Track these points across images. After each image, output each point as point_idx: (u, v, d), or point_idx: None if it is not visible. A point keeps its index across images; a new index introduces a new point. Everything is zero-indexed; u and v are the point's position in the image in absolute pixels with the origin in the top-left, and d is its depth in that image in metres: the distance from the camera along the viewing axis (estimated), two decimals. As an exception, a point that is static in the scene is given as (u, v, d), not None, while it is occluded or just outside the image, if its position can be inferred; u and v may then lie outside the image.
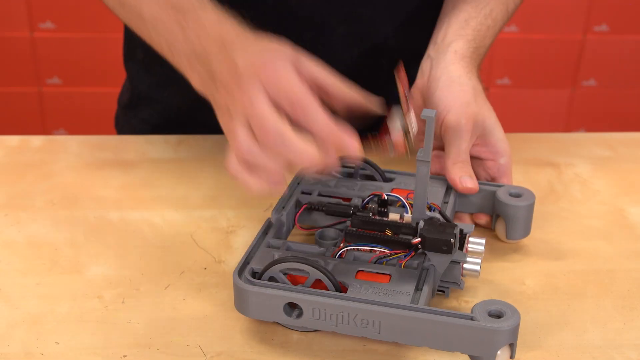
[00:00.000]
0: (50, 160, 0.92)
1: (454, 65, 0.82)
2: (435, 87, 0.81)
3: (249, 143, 0.62)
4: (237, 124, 0.63)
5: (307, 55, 0.68)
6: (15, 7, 2.09)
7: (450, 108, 0.78)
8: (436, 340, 0.59)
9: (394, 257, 0.65)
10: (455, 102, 0.79)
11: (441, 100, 0.79)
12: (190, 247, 0.77)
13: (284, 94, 0.62)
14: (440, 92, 0.80)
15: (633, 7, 2.19)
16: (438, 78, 0.81)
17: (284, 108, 0.62)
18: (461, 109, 0.78)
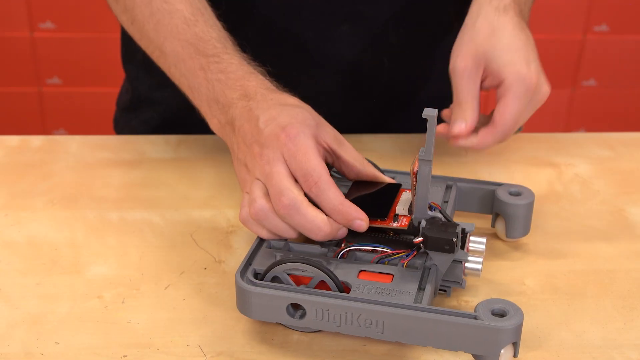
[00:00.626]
0: (50, 160, 0.92)
1: (472, 8, 0.80)
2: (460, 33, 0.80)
3: (264, 204, 0.66)
4: (254, 182, 0.67)
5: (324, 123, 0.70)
6: (15, 7, 2.08)
7: (453, 53, 0.78)
8: (439, 340, 0.59)
9: (396, 256, 0.65)
10: (456, 47, 0.78)
11: (456, 50, 0.78)
12: (190, 247, 0.77)
13: (301, 168, 0.65)
14: (458, 38, 0.79)
15: (633, 7, 2.19)
16: (465, 24, 0.80)
17: (299, 179, 0.65)
18: (464, 49, 0.77)
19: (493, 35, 0.76)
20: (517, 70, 0.75)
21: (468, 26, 0.79)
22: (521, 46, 0.76)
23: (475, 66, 0.76)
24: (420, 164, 0.65)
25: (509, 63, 0.75)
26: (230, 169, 0.91)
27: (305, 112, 0.69)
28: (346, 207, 0.65)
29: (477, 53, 0.76)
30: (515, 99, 0.75)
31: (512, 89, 0.74)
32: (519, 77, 0.74)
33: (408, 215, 0.69)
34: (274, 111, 0.68)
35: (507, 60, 0.75)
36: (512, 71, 0.75)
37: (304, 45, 0.95)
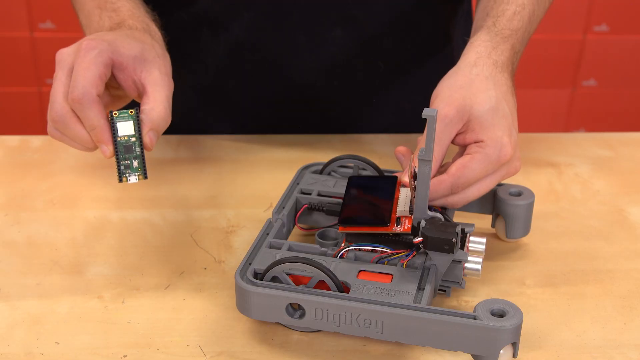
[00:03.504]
0: (50, 160, 0.92)
1: (466, 55, 0.76)
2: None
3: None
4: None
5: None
6: (15, 7, 2.08)
7: (440, 92, 0.72)
8: (439, 340, 0.59)
9: (395, 256, 0.65)
10: (447, 86, 0.73)
11: (439, 84, 0.74)
12: (190, 247, 0.77)
13: (74, 80, 0.68)
14: (443, 78, 0.75)
15: (633, 7, 2.19)
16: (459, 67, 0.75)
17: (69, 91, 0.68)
18: (449, 93, 0.72)
19: (485, 93, 0.72)
20: (498, 138, 0.70)
21: (462, 71, 0.74)
22: (508, 113, 0.72)
23: (458, 117, 0.71)
24: (420, 164, 0.65)
25: (492, 127, 0.70)
26: (230, 168, 0.91)
27: (136, 43, 0.71)
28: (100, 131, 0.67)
29: (464, 105, 0.71)
30: (483, 161, 0.69)
31: (486, 151, 0.70)
32: (497, 145, 0.70)
33: (409, 216, 0.69)
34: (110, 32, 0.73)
35: (491, 124, 0.71)
36: (492, 137, 0.70)
37: (297, 50, 0.95)
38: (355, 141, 0.97)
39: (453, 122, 0.70)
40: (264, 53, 0.96)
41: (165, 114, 0.69)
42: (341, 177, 0.78)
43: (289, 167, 0.89)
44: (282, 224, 0.71)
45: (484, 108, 0.71)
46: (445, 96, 0.71)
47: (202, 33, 0.96)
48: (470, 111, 0.71)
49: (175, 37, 0.98)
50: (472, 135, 0.71)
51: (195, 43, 0.97)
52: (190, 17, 0.95)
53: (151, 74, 0.70)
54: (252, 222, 0.81)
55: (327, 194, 0.75)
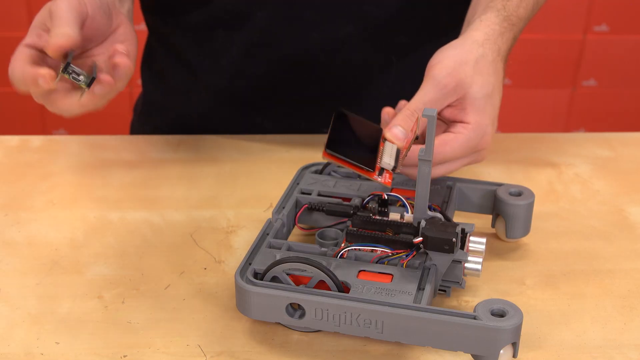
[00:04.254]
0: (50, 160, 0.92)
1: (475, 31, 0.75)
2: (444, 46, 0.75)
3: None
4: None
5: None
6: (15, 7, 2.08)
7: (444, 59, 0.72)
8: (439, 340, 0.59)
9: (395, 256, 0.65)
10: (451, 57, 0.72)
11: (442, 52, 0.73)
12: (190, 247, 0.77)
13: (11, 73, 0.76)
14: (446, 47, 0.74)
15: (633, 7, 2.19)
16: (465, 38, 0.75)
17: None
18: (453, 65, 0.71)
19: (486, 77, 0.72)
20: (484, 125, 0.71)
21: (468, 47, 0.73)
22: (497, 104, 0.73)
23: (455, 91, 0.71)
24: (420, 164, 0.65)
25: (482, 112, 0.71)
26: (230, 168, 0.91)
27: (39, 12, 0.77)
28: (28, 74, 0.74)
29: (464, 82, 0.71)
30: (463, 144, 0.70)
31: (469, 135, 0.71)
32: (481, 132, 0.71)
33: (391, 172, 0.68)
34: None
35: (482, 110, 0.71)
36: (479, 122, 0.71)
37: (310, 48, 0.95)
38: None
39: (449, 94, 0.71)
40: (278, 53, 0.96)
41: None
42: (341, 177, 0.78)
43: (289, 167, 0.89)
44: (282, 224, 0.71)
45: (482, 92, 0.71)
46: (449, 66, 0.71)
47: (216, 34, 0.96)
48: (468, 90, 0.71)
49: (189, 38, 0.98)
50: (461, 113, 0.71)
51: (210, 44, 0.97)
52: (204, 18, 0.95)
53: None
54: (252, 222, 0.81)
55: (327, 194, 0.75)
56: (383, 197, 0.72)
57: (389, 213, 0.71)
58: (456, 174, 0.88)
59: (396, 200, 0.72)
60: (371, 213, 0.71)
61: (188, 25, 0.97)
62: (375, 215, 0.71)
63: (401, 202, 0.72)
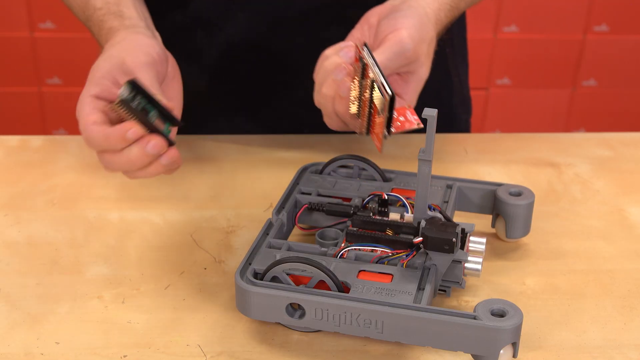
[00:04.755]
0: (50, 160, 0.92)
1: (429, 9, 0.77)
2: (400, 10, 0.76)
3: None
4: None
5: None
6: (15, 7, 2.08)
7: (409, 28, 0.73)
8: (439, 340, 0.59)
9: (395, 256, 0.65)
10: (416, 29, 0.73)
11: (403, 18, 0.74)
12: (190, 247, 0.77)
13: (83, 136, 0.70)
14: (406, 14, 0.75)
15: (633, 7, 2.19)
16: (407, 7, 0.76)
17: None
18: (418, 40, 0.73)
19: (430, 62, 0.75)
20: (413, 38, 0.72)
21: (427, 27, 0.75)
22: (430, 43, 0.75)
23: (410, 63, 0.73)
24: (420, 164, 0.65)
25: (416, 94, 0.74)
26: (230, 169, 0.91)
27: (101, 60, 0.72)
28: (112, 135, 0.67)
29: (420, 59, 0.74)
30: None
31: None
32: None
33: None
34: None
35: (418, 91, 0.74)
36: (411, 102, 0.74)
37: (295, 51, 0.95)
38: (355, 141, 0.97)
39: (405, 65, 0.73)
40: (260, 54, 0.96)
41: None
42: (341, 177, 0.78)
43: (289, 167, 0.89)
44: (282, 224, 0.71)
45: (426, 75, 0.75)
46: (415, 40, 0.72)
47: (197, 34, 0.96)
48: (419, 68, 0.74)
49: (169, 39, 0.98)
50: (403, 86, 0.74)
51: (190, 44, 0.97)
52: (184, 19, 0.95)
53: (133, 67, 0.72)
54: (252, 222, 0.81)
55: (327, 194, 0.75)
56: (383, 197, 0.72)
57: (389, 213, 0.71)
58: (456, 173, 0.88)
59: (396, 200, 0.72)
60: (371, 213, 0.71)
61: (167, 25, 0.97)
62: (375, 215, 0.71)
63: (401, 202, 0.72)
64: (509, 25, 2.18)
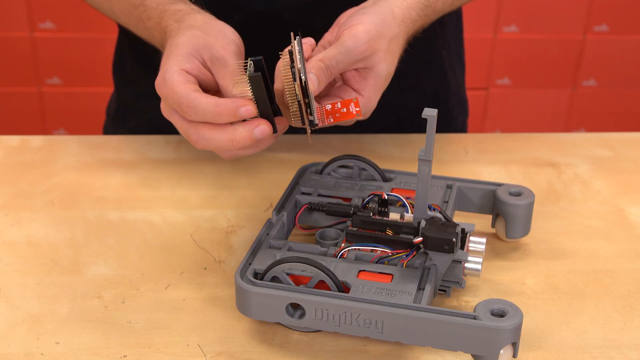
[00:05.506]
0: (50, 160, 0.92)
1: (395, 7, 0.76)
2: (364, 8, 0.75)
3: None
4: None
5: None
6: (15, 7, 2.08)
7: (366, 24, 0.72)
8: (439, 340, 0.59)
9: (395, 256, 0.65)
10: (373, 25, 0.72)
11: (363, 14, 0.73)
12: (190, 247, 0.77)
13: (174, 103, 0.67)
14: (366, 10, 0.74)
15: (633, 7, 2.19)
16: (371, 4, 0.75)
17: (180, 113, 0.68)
18: (374, 35, 0.72)
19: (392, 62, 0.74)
20: (373, 102, 0.73)
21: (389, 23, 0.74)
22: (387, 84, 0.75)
23: (366, 59, 0.72)
24: (420, 164, 0.65)
25: (377, 89, 0.73)
26: (230, 169, 0.91)
27: (186, 38, 0.71)
28: (222, 106, 0.65)
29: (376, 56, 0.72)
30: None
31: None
32: (369, 107, 0.72)
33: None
34: (167, 50, 0.72)
35: (378, 87, 0.73)
36: (370, 97, 0.73)
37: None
38: (355, 141, 0.97)
39: (361, 61, 0.72)
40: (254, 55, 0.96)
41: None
42: (341, 177, 0.78)
43: (289, 167, 0.89)
44: (282, 224, 0.71)
45: (386, 71, 0.73)
46: (370, 35, 0.71)
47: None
48: (377, 64, 0.72)
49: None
50: (361, 82, 0.73)
51: None
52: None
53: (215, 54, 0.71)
54: (252, 222, 0.81)
55: (327, 194, 0.75)
56: (383, 197, 0.72)
57: (389, 213, 0.71)
58: (456, 173, 0.88)
59: (396, 200, 0.72)
60: (371, 213, 0.71)
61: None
62: (375, 215, 0.71)
63: (401, 202, 0.72)
64: (509, 25, 2.18)
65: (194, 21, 0.74)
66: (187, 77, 0.69)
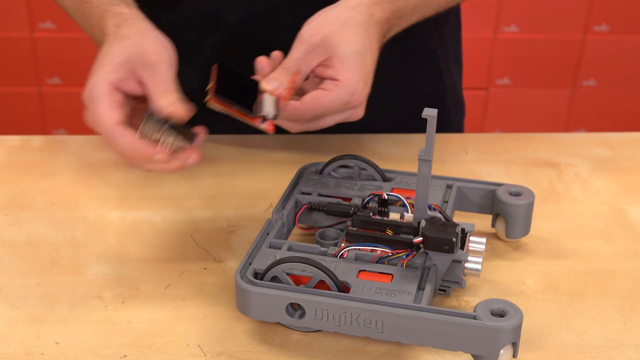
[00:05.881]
0: (50, 160, 0.92)
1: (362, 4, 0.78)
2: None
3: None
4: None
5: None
6: (15, 7, 2.08)
7: (312, 20, 0.75)
8: (439, 340, 0.59)
9: (395, 256, 0.65)
10: (320, 17, 0.75)
11: (315, 15, 0.76)
12: (190, 247, 0.77)
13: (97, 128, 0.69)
14: (320, 10, 0.77)
15: (633, 7, 2.19)
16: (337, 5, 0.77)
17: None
18: (319, 25, 0.74)
19: (354, 36, 0.74)
20: (354, 82, 0.73)
21: (339, 9, 0.76)
22: (369, 64, 0.75)
23: (323, 49, 0.74)
24: (420, 164, 0.65)
25: (352, 70, 0.73)
26: (229, 170, 0.91)
27: (118, 47, 0.71)
28: (138, 151, 0.67)
29: (331, 40, 0.74)
30: (334, 100, 0.73)
31: (340, 92, 0.73)
32: (351, 89, 0.73)
33: (272, 120, 0.71)
34: (99, 57, 0.72)
35: (352, 67, 0.73)
36: (349, 79, 0.73)
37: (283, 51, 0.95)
38: (355, 141, 0.97)
39: (316, 52, 0.73)
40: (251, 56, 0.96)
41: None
42: (341, 177, 0.78)
43: (289, 167, 0.89)
44: (282, 224, 0.71)
45: (349, 49, 0.73)
46: (316, 26, 0.74)
47: (187, 35, 0.96)
48: (336, 48, 0.73)
49: None
50: (331, 71, 0.73)
51: (181, 45, 0.97)
52: (174, 19, 0.95)
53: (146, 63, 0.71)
54: (252, 222, 0.81)
55: (327, 194, 0.75)
56: (383, 197, 0.72)
57: (389, 213, 0.71)
58: (456, 173, 0.88)
59: (396, 200, 0.72)
60: (371, 213, 0.71)
61: (158, 25, 0.96)
62: (375, 215, 0.71)
63: (401, 202, 0.72)
64: (509, 25, 2.18)
65: (128, 31, 0.74)
66: (113, 98, 0.69)
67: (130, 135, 0.68)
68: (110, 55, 0.71)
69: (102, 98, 0.69)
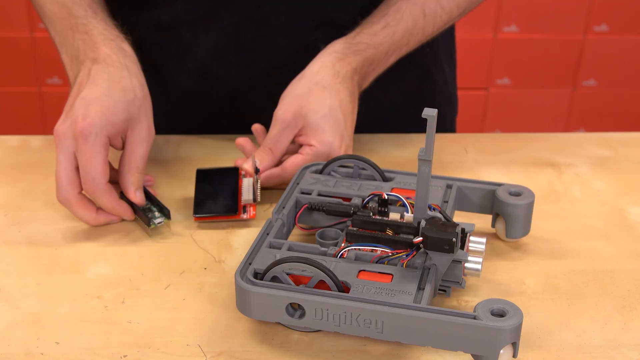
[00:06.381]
0: (50, 160, 0.92)
1: (314, 61, 0.85)
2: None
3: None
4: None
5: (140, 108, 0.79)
6: (15, 7, 2.08)
7: (284, 97, 0.83)
8: (439, 340, 0.59)
9: (395, 256, 0.65)
10: (289, 93, 0.83)
11: (287, 89, 0.84)
12: (190, 247, 0.77)
13: (83, 169, 0.75)
14: (291, 83, 0.84)
15: (633, 7, 2.19)
16: (303, 75, 0.85)
17: (81, 177, 0.76)
18: (289, 101, 0.82)
19: (320, 102, 0.81)
20: (329, 142, 0.81)
21: (305, 79, 0.83)
22: (342, 120, 0.82)
23: (294, 123, 0.81)
24: (420, 164, 0.65)
25: (323, 133, 0.81)
26: (230, 169, 0.91)
27: (122, 104, 0.77)
28: (118, 210, 0.78)
29: (300, 112, 0.81)
30: (311, 159, 0.81)
31: (316, 153, 0.81)
32: (327, 148, 0.81)
33: (254, 204, 0.80)
34: (96, 90, 0.77)
35: (323, 130, 0.81)
36: (323, 141, 0.81)
37: (278, 53, 0.95)
38: (355, 141, 0.97)
39: (290, 127, 0.81)
40: (245, 56, 0.96)
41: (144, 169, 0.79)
42: (341, 177, 0.78)
43: (289, 167, 0.89)
44: (282, 224, 0.71)
45: (317, 116, 0.81)
46: (286, 102, 0.82)
47: (181, 34, 0.96)
48: (305, 118, 0.81)
49: (155, 39, 0.97)
50: (305, 138, 0.82)
51: (175, 44, 0.97)
52: (168, 18, 0.95)
53: (136, 132, 0.78)
54: (252, 222, 0.81)
55: (327, 194, 0.75)
56: (383, 197, 0.72)
57: (389, 213, 0.71)
58: (456, 173, 0.88)
59: (396, 200, 0.72)
60: (371, 213, 0.71)
61: (152, 24, 0.96)
62: (375, 215, 0.71)
63: (401, 202, 0.72)
64: (509, 25, 2.18)
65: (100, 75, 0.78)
66: (106, 150, 0.76)
67: (115, 195, 0.77)
68: (115, 105, 0.76)
69: (99, 149, 0.75)
